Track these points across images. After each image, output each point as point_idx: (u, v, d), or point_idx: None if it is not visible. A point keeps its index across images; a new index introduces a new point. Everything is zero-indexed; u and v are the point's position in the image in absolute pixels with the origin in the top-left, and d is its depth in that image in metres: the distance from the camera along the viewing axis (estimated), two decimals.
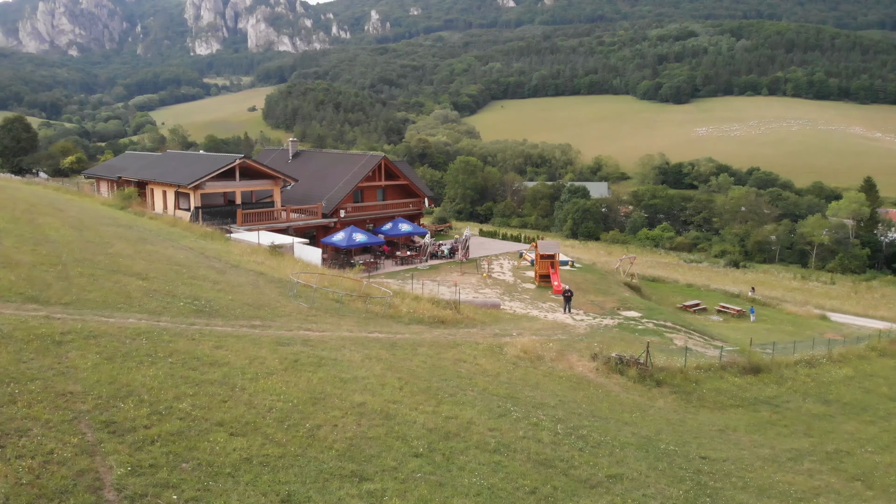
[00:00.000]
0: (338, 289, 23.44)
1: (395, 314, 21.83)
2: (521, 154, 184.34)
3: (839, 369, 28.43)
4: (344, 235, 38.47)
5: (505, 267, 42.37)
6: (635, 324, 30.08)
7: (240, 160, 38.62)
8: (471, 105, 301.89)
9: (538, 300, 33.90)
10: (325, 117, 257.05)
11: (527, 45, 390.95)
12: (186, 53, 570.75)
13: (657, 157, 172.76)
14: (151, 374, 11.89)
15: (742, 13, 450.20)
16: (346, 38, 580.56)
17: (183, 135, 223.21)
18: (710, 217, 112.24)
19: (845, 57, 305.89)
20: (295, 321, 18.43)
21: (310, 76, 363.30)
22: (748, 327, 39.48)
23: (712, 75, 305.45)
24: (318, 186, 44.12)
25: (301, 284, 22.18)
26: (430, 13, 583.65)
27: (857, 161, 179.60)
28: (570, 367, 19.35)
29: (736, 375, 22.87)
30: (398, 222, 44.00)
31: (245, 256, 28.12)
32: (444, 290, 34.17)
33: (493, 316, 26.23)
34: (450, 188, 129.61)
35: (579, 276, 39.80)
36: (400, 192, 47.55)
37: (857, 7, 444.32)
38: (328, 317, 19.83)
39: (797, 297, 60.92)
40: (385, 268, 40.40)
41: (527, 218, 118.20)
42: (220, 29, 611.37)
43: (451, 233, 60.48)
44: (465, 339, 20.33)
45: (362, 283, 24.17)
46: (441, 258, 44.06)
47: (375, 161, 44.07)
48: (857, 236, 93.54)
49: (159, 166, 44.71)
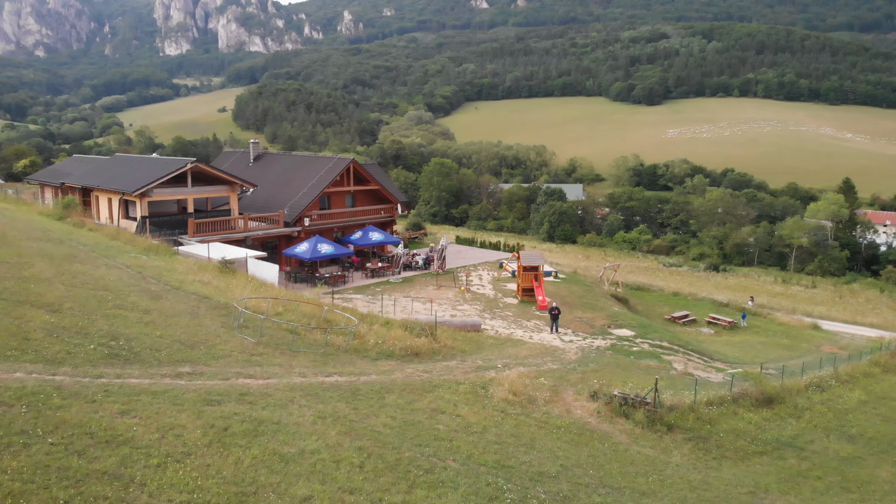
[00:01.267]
0: (293, 316, 20.13)
1: (360, 347, 18.62)
2: (496, 156, 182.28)
3: (850, 392, 26.26)
4: (308, 246, 35.08)
5: (484, 279, 39.29)
6: (629, 345, 27.28)
7: (191, 164, 35.04)
8: (445, 106, 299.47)
9: (522, 317, 30.92)
10: (296, 118, 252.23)
11: (500, 47, 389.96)
12: (156, 54, 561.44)
13: (631, 159, 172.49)
14: (15, 467, 8.62)
15: (713, 15, 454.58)
16: (318, 39, 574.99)
17: (150, 136, 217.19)
18: (688, 219, 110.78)
19: (815, 58, 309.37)
20: (235, 363, 15.16)
21: (281, 76, 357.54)
22: (742, 341, 37.04)
23: (684, 77, 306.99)
24: (280, 192, 40.67)
25: (248, 313, 18.85)
26: (404, 14, 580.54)
27: (829, 162, 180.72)
28: (568, 411, 16.35)
29: (749, 409, 20.16)
30: (368, 231, 40.65)
31: (190, 275, 24.68)
32: (418, 307, 31.04)
33: (475, 342, 23.15)
34: (424, 191, 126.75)
35: (564, 289, 36.93)
36: (370, 197, 44.26)
37: (825, 9, 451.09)
38: (278, 355, 16.56)
39: (783, 303, 59.14)
40: (354, 281, 37.08)
41: (503, 221, 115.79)
42: (190, 29, 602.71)
43: (427, 240, 57.29)
44: (443, 377, 17.22)
45: (323, 308, 20.87)
46: (415, 269, 40.88)
47: (343, 164, 40.71)
48: (836, 238, 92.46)
49: (105, 171, 40.89)
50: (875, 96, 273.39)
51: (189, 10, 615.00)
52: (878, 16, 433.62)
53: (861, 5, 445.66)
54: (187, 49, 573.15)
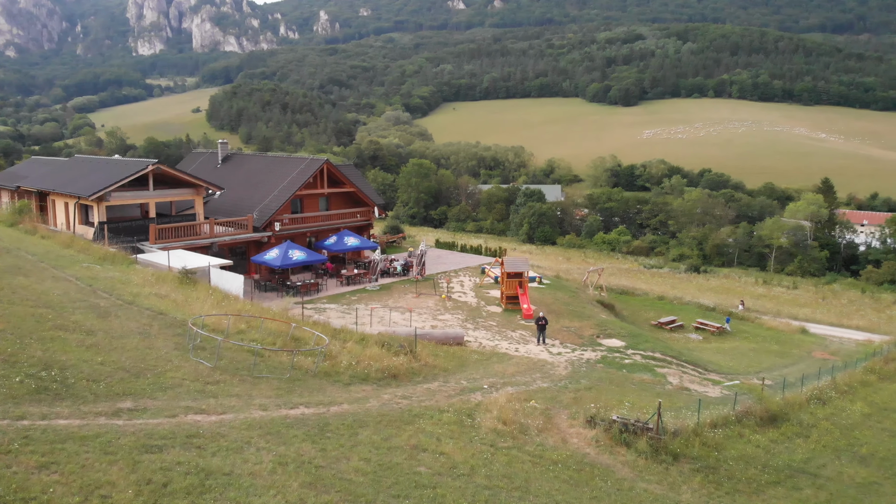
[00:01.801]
0: (257, 334, 18.19)
1: (331, 369, 16.75)
2: (474, 156, 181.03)
3: (852, 404, 25.12)
4: (278, 253, 33.03)
5: (466, 285, 37.52)
6: (620, 357, 25.75)
7: (152, 166, 32.84)
8: (422, 107, 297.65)
9: (506, 327, 29.25)
10: (271, 118, 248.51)
11: (477, 48, 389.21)
12: (128, 54, 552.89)
13: (609, 160, 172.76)
14: None
15: (687, 16, 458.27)
16: (294, 39, 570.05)
17: (121, 137, 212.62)
18: (667, 220, 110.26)
19: (789, 59, 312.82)
20: (186, 395, 13.24)
21: (257, 76, 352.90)
22: (733, 348, 35.78)
23: (660, 78, 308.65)
24: (250, 195, 38.58)
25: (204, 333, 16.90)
26: (381, 14, 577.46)
27: (804, 162, 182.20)
28: (564, 441, 14.67)
29: (755, 430, 18.70)
30: (344, 235, 38.69)
31: (146, 287, 22.62)
32: (397, 318, 29.24)
33: (458, 357, 21.42)
34: (403, 192, 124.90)
35: (549, 296, 35.33)
36: (346, 200, 42.33)
37: (798, 11, 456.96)
38: (237, 382, 14.66)
39: (767, 305, 58.37)
40: (328, 289, 35.11)
41: (482, 222, 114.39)
42: (163, 28, 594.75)
43: (406, 244, 55.41)
44: (424, 403, 15.44)
45: (290, 324, 18.93)
46: (394, 276, 39.00)
47: (317, 165, 38.70)
48: (816, 238, 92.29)
49: (63, 174, 38.46)
50: (848, 97, 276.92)
51: (162, 9, 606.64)
52: (849, 17, 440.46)
53: (833, 7, 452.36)
54: (161, 49, 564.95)
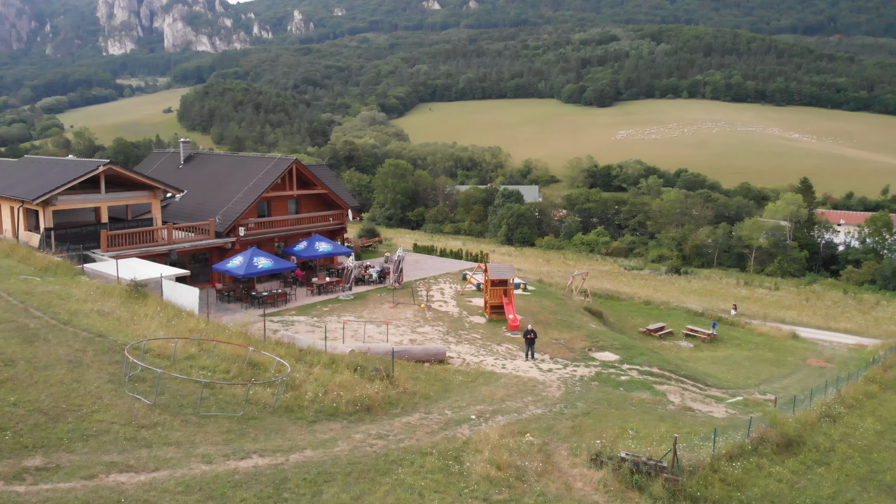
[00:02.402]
0: (208, 361, 15.75)
1: (294, 403, 14.40)
2: (451, 157, 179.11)
3: (862, 420, 23.58)
4: (242, 260, 30.47)
5: (447, 293, 35.19)
6: (616, 372, 23.73)
7: (104, 167, 30.09)
8: (398, 107, 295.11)
9: (491, 340, 27.05)
10: (244, 118, 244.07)
11: (453, 48, 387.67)
12: (99, 53, 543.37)
13: (585, 160, 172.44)
14: None
15: (660, 18, 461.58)
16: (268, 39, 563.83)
17: (90, 138, 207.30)
18: (645, 221, 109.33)
19: (761, 60, 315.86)
20: (112, 445, 10.84)
21: (229, 76, 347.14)
22: (727, 357, 34.08)
23: (634, 79, 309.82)
24: (213, 197, 35.94)
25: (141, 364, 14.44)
26: (355, 14, 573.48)
27: (779, 161, 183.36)
28: (567, 486, 12.52)
29: (773, 459, 16.80)
30: (315, 240, 36.17)
31: (88, 303, 20.05)
32: (372, 332, 26.90)
33: (440, 380, 19.19)
34: (379, 193, 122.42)
35: (535, 304, 33.22)
36: (317, 202, 39.82)
37: (769, 12, 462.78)
38: (178, 425, 12.27)
39: (752, 308, 57.19)
40: (297, 299, 32.57)
41: (460, 224, 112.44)
42: (134, 28, 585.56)
43: (382, 248, 52.99)
44: (403, 444, 13.18)
45: (248, 348, 16.51)
46: (369, 283, 36.60)
47: (285, 165, 36.16)
48: (795, 238, 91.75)
49: (8, 176, 35.45)
50: (820, 97, 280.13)
51: (133, 8, 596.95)
52: (820, 18, 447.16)
53: (804, 8, 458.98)
54: (132, 48, 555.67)
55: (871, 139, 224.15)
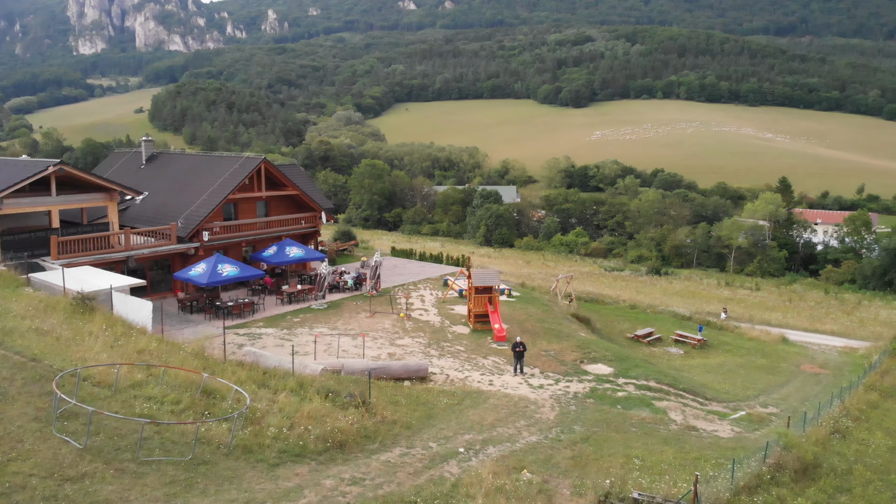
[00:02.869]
0: (155, 391, 13.65)
1: (254, 440, 12.38)
2: (428, 157, 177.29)
3: (872, 435, 22.34)
4: (206, 267, 28.19)
5: (427, 300, 33.15)
6: (612, 387, 21.99)
7: (54, 167, 27.68)
8: (375, 107, 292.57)
9: (476, 353, 25.12)
10: (217, 118, 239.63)
11: (429, 48, 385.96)
12: (69, 53, 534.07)
13: (563, 160, 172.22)
14: None
15: (635, 19, 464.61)
16: (241, 38, 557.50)
17: (58, 139, 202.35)
18: (623, 221, 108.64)
19: (734, 61, 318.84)
20: None
21: (202, 76, 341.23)
22: (720, 365, 32.66)
23: (609, 79, 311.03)
24: (176, 199, 33.61)
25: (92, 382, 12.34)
26: (330, 14, 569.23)
27: (754, 161, 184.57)
28: None
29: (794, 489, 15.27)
30: (286, 245, 33.98)
31: (27, 319, 17.82)
32: (347, 345, 24.86)
33: (423, 403, 17.26)
34: (355, 194, 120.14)
35: (520, 311, 31.40)
36: (289, 204, 37.63)
37: (742, 14, 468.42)
38: (111, 476, 10.22)
39: (737, 309, 56.16)
40: (266, 309, 30.32)
41: (438, 224, 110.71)
42: (105, 27, 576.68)
43: (358, 252, 50.83)
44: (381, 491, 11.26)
45: (202, 374, 14.41)
46: (344, 290, 34.47)
47: (253, 165, 33.92)
48: (774, 238, 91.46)
49: None
50: (792, 97, 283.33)
51: (104, 7, 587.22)
52: (792, 19, 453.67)
53: (776, 10, 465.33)
54: (103, 48, 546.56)
55: (843, 139, 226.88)
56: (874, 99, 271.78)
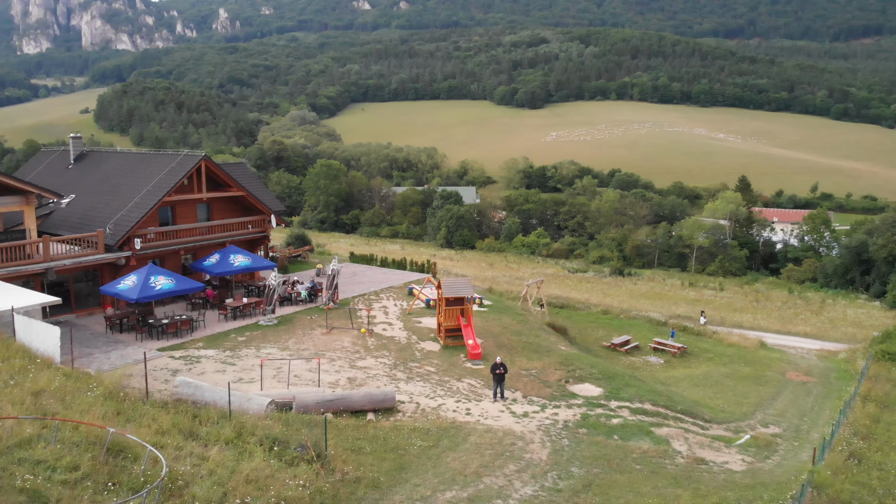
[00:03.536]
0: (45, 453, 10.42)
1: None
2: (386, 158, 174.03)
3: (886, 458, 20.53)
4: (136, 280, 24.66)
5: (391, 312, 30.00)
6: (605, 413, 19.37)
7: None
8: (330, 107, 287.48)
9: (449, 374, 22.15)
10: (165, 118, 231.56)
11: (385, 49, 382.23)
12: (13, 52, 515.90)
13: (521, 161, 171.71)
14: None
15: (588, 21, 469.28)
16: (192, 37, 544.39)
17: None
18: (584, 221, 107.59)
19: (686, 63, 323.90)
20: None
21: (151, 75, 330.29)
22: (705, 376, 30.59)
23: (564, 81, 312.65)
24: (106, 203, 29.91)
25: None
26: (283, 13, 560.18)
27: (707, 161, 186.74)
28: None
29: None
30: (230, 252, 30.50)
31: None
32: (299, 369, 21.69)
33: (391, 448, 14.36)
34: (310, 195, 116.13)
35: (494, 322, 28.63)
36: (234, 207, 34.14)
37: (692, 16, 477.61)
38: None
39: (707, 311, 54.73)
40: (207, 327, 26.79)
41: (398, 227, 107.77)
42: (50, 26, 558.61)
43: (314, 258, 47.42)
44: None
45: (108, 429, 11.21)
46: (297, 303, 31.18)
47: (192, 163, 30.38)
48: (735, 237, 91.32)
49: None
50: (742, 98, 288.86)
51: (50, 6, 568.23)
52: (741, 22, 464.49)
53: (725, 13, 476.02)
54: (48, 47, 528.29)
55: (793, 138, 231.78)
56: (822, 99, 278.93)
